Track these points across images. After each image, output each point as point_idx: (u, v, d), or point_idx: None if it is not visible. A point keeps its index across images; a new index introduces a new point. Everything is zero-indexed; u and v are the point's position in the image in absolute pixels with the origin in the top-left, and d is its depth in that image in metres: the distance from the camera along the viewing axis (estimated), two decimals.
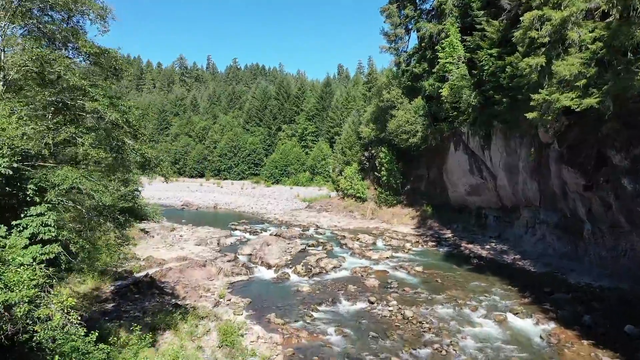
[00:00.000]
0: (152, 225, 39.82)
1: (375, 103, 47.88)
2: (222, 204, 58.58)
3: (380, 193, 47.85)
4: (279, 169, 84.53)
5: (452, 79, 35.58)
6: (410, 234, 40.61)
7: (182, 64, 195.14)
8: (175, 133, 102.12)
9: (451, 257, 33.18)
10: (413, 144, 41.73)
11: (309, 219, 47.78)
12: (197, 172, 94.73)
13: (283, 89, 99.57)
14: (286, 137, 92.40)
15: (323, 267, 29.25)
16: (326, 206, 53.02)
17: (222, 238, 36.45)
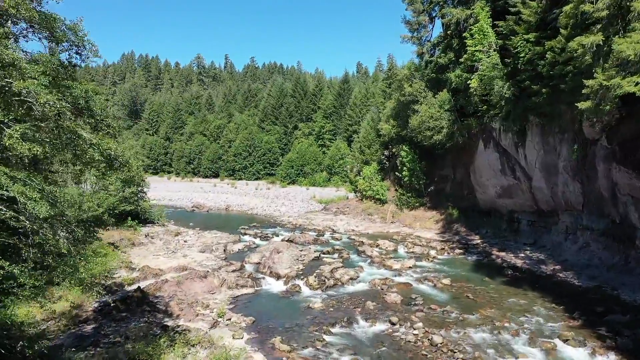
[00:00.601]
0: (156, 230, 37.35)
1: (396, 98, 44.54)
2: (234, 206, 55.94)
3: (401, 195, 44.49)
4: (295, 169, 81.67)
5: (482, 69, 32.10)
6: (434, 240, 37.20)
7: (199, 63, 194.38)
8: (190, 132, 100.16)
9: (482, 267, 29.71)
10: (437, 141, 38.31)
11: (324, 222, 44.69)
12: (211, 172, 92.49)
13: (300, 86, 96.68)
14: (303, 136, 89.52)
15: (338, 279, 26.13)
16: (343, 208, 49.85)
17: (230, 244, 33.61)
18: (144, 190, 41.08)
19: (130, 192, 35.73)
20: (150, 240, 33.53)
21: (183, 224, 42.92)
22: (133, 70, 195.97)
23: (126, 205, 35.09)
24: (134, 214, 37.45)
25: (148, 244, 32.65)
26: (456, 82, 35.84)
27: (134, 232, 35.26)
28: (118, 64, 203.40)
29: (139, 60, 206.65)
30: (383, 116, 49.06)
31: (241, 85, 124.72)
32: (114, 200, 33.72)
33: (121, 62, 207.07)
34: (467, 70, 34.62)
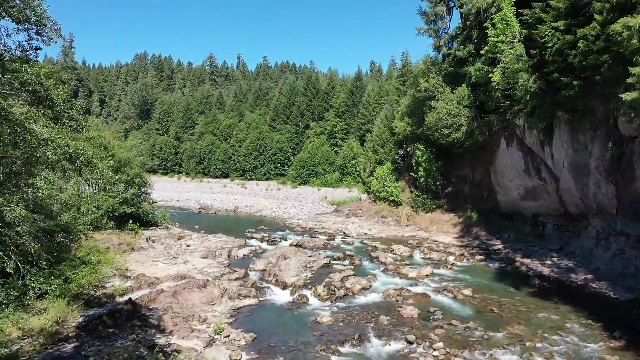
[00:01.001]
0: (158, 233, 35.61)
1: (411, 94, 42.25)
2: (243, 207, 54.12)
3: (416, 196, 42.19)
4: (306, 169, 79.66)
5: (505, 61, 29.73)
6: (452, 245, 34.89)
7: (212, 62, 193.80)
8: (200, 132, 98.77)
9: (505, 275, 27.39)
10: (455, 139, 35.97)
11: (336, 225, 42.58)
12: (221, 173, 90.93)
13: (311, 84, 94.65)
14: (314, 135, 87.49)
15: (349, 289, 24.05)
16: (356, 210, 47.68)
17: (234, 249, 31.71)
18: (147, 191, 39.40)
19: (132, 193, 34.00)
20: (150, 245, 31.77)
21: (188, 226, 41.18)
22: (146, 70, 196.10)
23: (126, 207, 33.35)
24: (135, 217, 35.75)
25: (148, 249, 30.89)
26: (476, 76, 33.51)
27: (134, 235, 33.55)
28: (131, 64, 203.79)
29: (151, 60, 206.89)
30: (397, 114, 46.79)
31: (253, 84, 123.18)
32: (113, 203, 32.02)
33: (134, 62, 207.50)
34: (488, 63, 32.27)
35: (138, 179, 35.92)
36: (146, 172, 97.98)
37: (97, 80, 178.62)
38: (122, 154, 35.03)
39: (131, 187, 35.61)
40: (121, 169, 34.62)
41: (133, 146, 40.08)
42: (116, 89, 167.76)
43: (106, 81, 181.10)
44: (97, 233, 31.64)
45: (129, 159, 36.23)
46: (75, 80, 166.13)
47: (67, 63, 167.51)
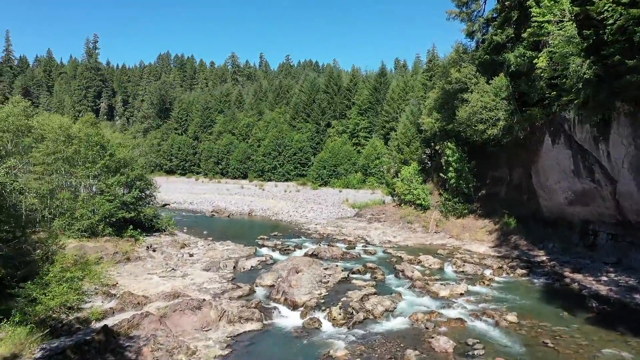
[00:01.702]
0: (161, 240, 32.59)
1: (441, 86, 38.18)
2: (258, 210, 50.87)
3: (446, 200, 38.11)
4: (327, 170, 76.04)
5: (552, 44, 25.53)
6: (488, 256, 30.81)
7: (234, 62, 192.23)
8: (219, 131, 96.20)
9: (554, 294, 23.23)
10: (492, 136, 31.86)
11: (356, 231, 38.85)
12: (239, 173, 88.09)
13: (333, 81, 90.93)
14: (336, 134, 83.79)
15: (370, 311, 20.35)
16: (379, 215, 43.83)
17: (242, 260, 28.35)
18: (152, 194, 36.51)
19: (132, 196, 31.03)
20: (149, 254, 28.67)
21: (197, 232, 38.09)
22: (169, 71, 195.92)
23: (125, 212, 30.37)
24: (137, 222, 32.83)
25: (146, 259, 27.78)
26: (516, 63, 29.40)
27: (134, 243, 30.56)
28: (154, 65, 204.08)
29: (174, 60, 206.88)
30: (424, 109, 42.75)
31: (273, 81, 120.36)
32: (110, 207, 29.05)
33: (157, 63, 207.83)
34: (531, 47, 28.15)
35: (139, 182, 32.96)
36: (165, 173, 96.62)
37: (120, 81, 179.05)
38: (122, 153, 32.08)
39: (132, 189, 32.69)
40: (120, 170, 31.70)
41: (136, 145, 37.19)
42: (139, 89, 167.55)
43: (129, 82, 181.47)
44: (92, 240, 28.84)
45: (130, 158, 33.32)
46: (99, 81, 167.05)
47: (90, 64, 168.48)
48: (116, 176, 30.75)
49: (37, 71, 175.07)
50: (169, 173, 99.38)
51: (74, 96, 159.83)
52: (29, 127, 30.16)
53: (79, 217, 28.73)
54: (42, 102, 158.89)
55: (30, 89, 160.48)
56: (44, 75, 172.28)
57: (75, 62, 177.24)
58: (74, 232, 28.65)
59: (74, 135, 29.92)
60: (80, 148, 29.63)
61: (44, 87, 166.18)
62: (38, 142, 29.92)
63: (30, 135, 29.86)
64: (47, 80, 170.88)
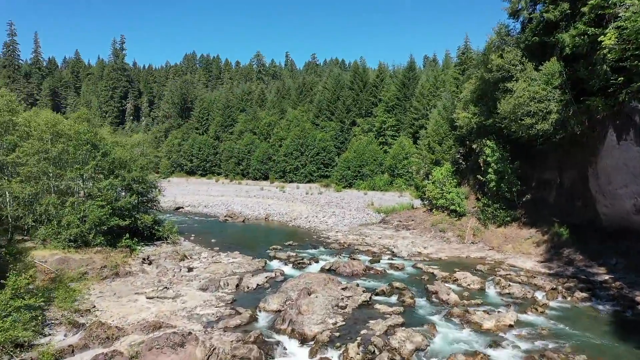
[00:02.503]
0: (160, 251, 29.05)
1: (479, 75, 33.42)
2: (276, 215, 47.01)
3: (485, 205, 33.38)
4: (351, 171, 71.72)
5: (623, 17, 20.76)
6: (538, 273, 26.05)
7: (259, 61, 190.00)
8: (240, 130, 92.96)
9: (629, 327, 18.47)
10: (541, 132, 27.02)
11: (382, 240, 34.51)
12: (260, 174, 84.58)
13: (359, 77, 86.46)
14: (361, 133, 79.35)
15: (396, 350, 16.13)
16: (407, 221, 39.33)
17: (247, 276, 24.44)
18: (155, 198, 33.07)
19: (126, 202, 27.53)
20: (142, 269, 25.08)
21: (204, 240, 34.46)
22: (194, 71, 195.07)
23: (119, 219, 26.87)
24: (134, 230, 29.37)
25: (137, 274, 24.18)
26: (572, 44, 24.60)
27: (128, 254, 27.07)
28: (180, 65, 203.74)
29: (200, 60, 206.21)
30: (459, 103, 38.01)
31: (297, 79, 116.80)
32: (100, 214, 25.59)
33: (183, 63, 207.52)
34: (593, 23, 23.30)
35: (138, 185, 29.47)
36: (185, 174, 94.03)
37: (146, 82, 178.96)
38: (118, 153, 28.64)
39: (129, 193, 29.24)
40: (116, 172, 28.28)
41: (135, 144, 33.72)
42: (165, 89, 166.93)
43: (155, 82, 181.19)
44: (81, 251, 25.47)
45: (128, 158, 29.89)
46: (125, 82, 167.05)
47: (117, 65, 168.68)
48: (109, 179, 27.28)
49: (65, 72, 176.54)
50: (190, 174, 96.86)
51: (100, 97, 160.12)
52: (14, 123, 27.07)
53: (66, 225, 25.37)
54: (70, 103, 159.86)
55: (58, 90, 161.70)
56: (71, 76, 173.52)
57: (102, 63, 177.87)
58: (61, 242, 25.32)
59: (62, 132, 26.60)
60: (68, 147, 26.28)
61: (72, 89, 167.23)
62: (23, 140, 26.75)
63: (14, 132, 26.75)
64: (74, 81, 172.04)
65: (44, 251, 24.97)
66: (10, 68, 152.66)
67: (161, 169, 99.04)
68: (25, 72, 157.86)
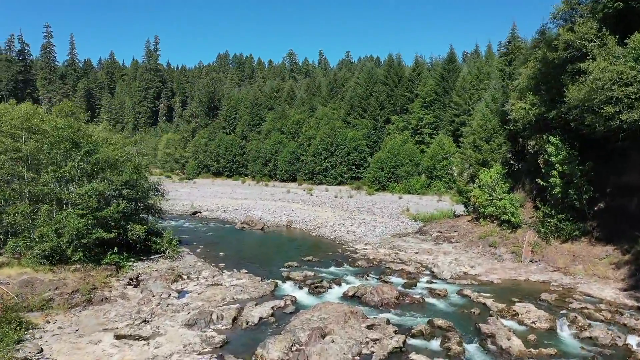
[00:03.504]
0: (153, 268, 24.61)
1: (540, 56, 27.33)
2: (299, 222, 42.08)
3: (546, 215, 27.37)
4: (385, 172, 66.04)
5: None
6: (623, 306, 20.13)
7: (291, 59, 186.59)
8: (268, 129, 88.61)
9: None
10: (626, 124, 20.95)
11: (419, 256, 29.02)
12: (288, 176, 79.90)
13: (393, 71, 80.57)
14: (396, 131, 73.49)
15: None
16: (449, 232, 33.63)
17: (250, 305, 19.57)
18: (155, 205, 28.72)
19: (114, 210, 23.16)
20: (124, 293, 20.61)
21: (211, 253, 29.92)
22: (227, 70, 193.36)
23: (102, 231, 22.53)
24: (125, 243, 25.06)
25: (116, 301, 19.71)
26: None
27: (115, 273, 22.74)
28: (212, 65, 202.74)
29: (233, 59, 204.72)
30: (513, 92, 31.99)
31: (328, 75, 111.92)
32: (79, 224, 21.30)
33: (216, 63, 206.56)
34: None
35: (130, 190, 25.08)
36: (212, 175, 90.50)
37: (179, 82, 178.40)
38: (106, 152, 24.33)
39: (119, 200, 24.91)
40: (102, 174, 23.99)
41: (128, 143, 29.25)
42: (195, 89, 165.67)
43: (188, 82, 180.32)
44: (56, 269, 21.31)
45: (119, 159, 25.61)
46: (159, 82, 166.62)
47: (150, 65, 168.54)
48: (93, 182, 23.00)
49: (99, 74, 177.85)
50: (216, 175, 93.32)
51: (134, 98, 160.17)
52: None
53: (39, 238, 21.23)
54: (104, 104, 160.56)
55: (92, 91, 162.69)
56: (106, 77, 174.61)
57: (136, 64, 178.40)
58: (32, 259, 21.18)
59: (37, 128, 22.52)
60: (43, 145, 22.15)
61: (106, 90, 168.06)
62: None
63: None
64: (109, 82, 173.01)
65: (13, 269, 20.90)
66: (47, 70, 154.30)
67: (187, 170, 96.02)
68: (61, 73, 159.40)
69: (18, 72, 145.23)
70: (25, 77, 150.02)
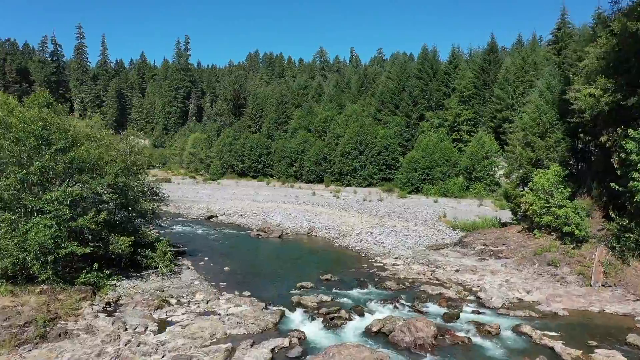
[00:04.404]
0: (140, 289, 20.60)
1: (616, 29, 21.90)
2: (322, 229, 37.61)
3: (623, 229, 21.90)
4: (419, 173, 60.80)
5: None
6: None
7: (322, 57, 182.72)
8: (294, 128, 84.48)
9: None
10: None
11: (461, 275, 24.05)
12: (315, 177, 75.47)
13: (428, 64, 75.07)
14: (430, 128, 68.06)
15: None
16: (496, 244, 28.41)
17: (245, 344, 15.20)
18: (147, 211, 24.76)
19: (90, 220, 19.24)
20: (91, 325, 16.57)
21: (216, 266, 25.80)
22: (257, 69, 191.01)
23: (76, 246, 18.67)
24: (107, 257, 21.18)
25: (77, 337, 15.69)
26: None
27: (90, 295, 18.83)
28: (242, 64, 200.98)
29: (263, 58, 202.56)
30: (577, 77, 26.52)
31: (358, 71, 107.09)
32: (44, 237, 17.49)
33: (246, 62, 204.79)
34: None
35: (109, 195, 21.15)
36: (237, 176, 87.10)
37: (209, 82, 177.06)
38: (86, 150, 20.46)
39: (101, 206, 21.05)
40: (78, 176, 20.16)
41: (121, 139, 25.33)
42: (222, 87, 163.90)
43: (218, 82, 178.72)
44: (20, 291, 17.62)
45: (105, 158, 21.77)
46: (189, 82, 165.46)
47: (180, 65, 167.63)
48: (65, 185, 19.20)
49: (131, 74, 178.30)
50: (241, 176, 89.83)
51: (164, 98, 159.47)
52: None
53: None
54: (135, 104, 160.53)
55: (123, 91, 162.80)
56: (137, 77, 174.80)
57: (166, 64, 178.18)
58: None
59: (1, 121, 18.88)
60: (4, 142, 18.47)
61: (137, 90, 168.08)
62: None
63: None
64: (140, 82, 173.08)
65: None
66: (79, 70, 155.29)
67: (211, 171, 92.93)
68: (93, 74, 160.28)
69: (51, 73, 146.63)
70: (58, 78, 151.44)
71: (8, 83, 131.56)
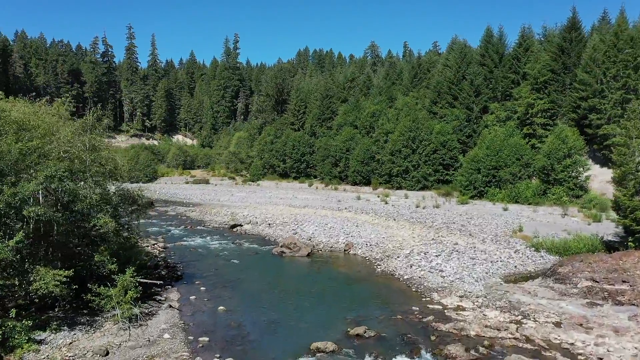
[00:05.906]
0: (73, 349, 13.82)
1: None
2: (362, 245, 29.98)
3: None
4: (482, 174, 51.55)
5: None
6: None
7: (373, 52, 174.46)
8: (339, 124, 76.86)
9: None
10: None
11: (565, 332, 15.68)
12: (361, 178, 67.50)
13: (492, 48, 65.16)
14: (496, 122, 58.33)
15: None
16: (611, 280, 19.57)
17: None
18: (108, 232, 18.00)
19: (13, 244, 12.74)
20: None
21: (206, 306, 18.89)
22: (306, 67, 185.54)
23: None
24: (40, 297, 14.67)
25: None
26: None
27: None
28: (291, 62, 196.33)
29: (312, 55, 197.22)
30: None
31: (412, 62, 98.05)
32: None
33: (295, 59, 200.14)
34: None
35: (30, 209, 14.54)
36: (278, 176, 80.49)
37: (257, 80, 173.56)
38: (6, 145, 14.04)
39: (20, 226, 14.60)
40: None
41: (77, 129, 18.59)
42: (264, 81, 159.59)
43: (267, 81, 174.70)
44: None
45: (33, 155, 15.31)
46: (237, 81, 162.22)
47: (229, 63, 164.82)
48: None
49: (180, 73, 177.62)
50: (282, 176, 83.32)
51: (212, 97, 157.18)
52: None
53: None
54: (183, 104, 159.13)
55: (172, 91, 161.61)
56: (186, 77, 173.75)
57: (215, 63, 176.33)
58: None
59: None
60: None
61: (186, 89, 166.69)
62: None
63: None
64: (189, 82, 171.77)
65: None
66: (129, 71, 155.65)
67: (251, 171, 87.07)
68: (143, 74, 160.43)
69: (102, 73, 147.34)
70: (109, 78, 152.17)
71: (59, 84, 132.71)
